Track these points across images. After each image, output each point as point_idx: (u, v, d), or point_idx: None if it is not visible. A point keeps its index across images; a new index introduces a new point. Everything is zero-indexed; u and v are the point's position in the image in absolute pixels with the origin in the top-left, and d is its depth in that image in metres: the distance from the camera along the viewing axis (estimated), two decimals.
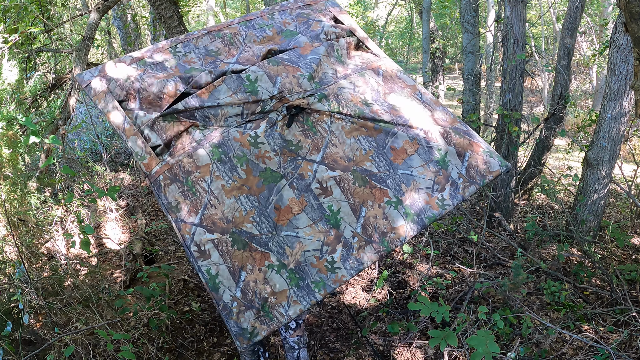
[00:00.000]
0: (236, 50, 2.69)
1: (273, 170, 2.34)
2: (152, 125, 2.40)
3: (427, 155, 2.45)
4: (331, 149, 2.41)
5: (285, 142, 2.39)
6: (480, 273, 4.64)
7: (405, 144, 2.46)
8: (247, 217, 2.26)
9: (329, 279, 2.23)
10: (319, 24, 2.87)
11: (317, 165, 2.38)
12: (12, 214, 3.15)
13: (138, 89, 2.46)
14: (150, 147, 2.37)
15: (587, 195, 5.16)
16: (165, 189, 2.30)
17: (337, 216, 2.32)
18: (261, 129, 2.38)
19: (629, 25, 2.33)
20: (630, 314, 3.73)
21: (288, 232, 2.28)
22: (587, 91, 16.10)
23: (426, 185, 2.41)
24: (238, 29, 2.77)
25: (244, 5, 18.07)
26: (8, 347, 2.68)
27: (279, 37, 2.79)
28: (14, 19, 5.09)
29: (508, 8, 5.48)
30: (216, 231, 2.23)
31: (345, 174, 2.37)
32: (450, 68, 24.41)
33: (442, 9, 13.06)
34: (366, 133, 2.46)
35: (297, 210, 2.31)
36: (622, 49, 4.80)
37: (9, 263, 3.22)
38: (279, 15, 2.92)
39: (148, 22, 9.70)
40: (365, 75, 2.70)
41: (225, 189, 2.28)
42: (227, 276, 2.18)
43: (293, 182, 2.34)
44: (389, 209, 2.34)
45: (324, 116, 2.45)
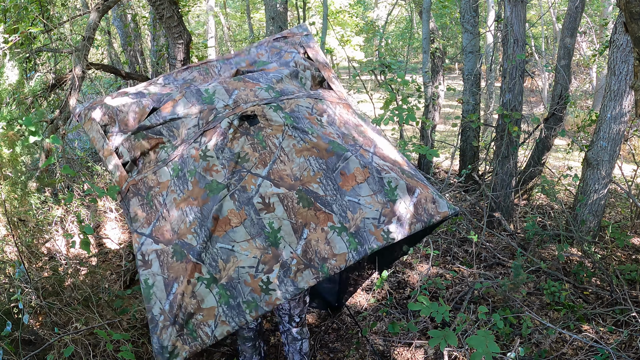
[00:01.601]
0: (211, 79, 2.85)
1: (219, 182, 2.28)
2: (124, 143, 2.54)
3: (377, 186, 2.34)
4: (279, 165, 2.32)
5: (232, 154, 2.33)
6: (480, 273, 4.64)
7: (356, 171, 2.35)
8: (190, 229, 2.24)
9: (262, 300, 2.10)
10: (291, 55, 2.94)
11: (262, 179, 2.28)
12: (12, 213, 3.15)
13: (116, 112, 2.60)
14: (122, 164, 2.52)
15: (587, 195, 5.16)
16: (130, 202, 2.43)
17: (277, 234, 2.20)
18: (211, 142, 2.36)
19: (629, 25, 2.33)
20: (630, 314, 3.73)
21: (223, 245, 2.18)
22: (587, 91, 16.10)
23: (372, 216, 2.28)
24: (215, 64, 2.92)
25: (244, 5, 18.08)
26: (8, 347, 2.68)
27: (252, 68, 2.92)
28: (14, 19, 5.09)
29: (508, 8, 5.49)
30: (161, 242, 2.27)
31: (290, 193, 2.26)
32: (450, 68, 24.41)
33: (442, 9, 13.05)
34: (317, 154, 2.36)
35: (236, 222, 2.21)
36: (622, 49, 4.80)
37: (9, 263, 3.22)
38: (255, 49, 3.06)
39: (148, 22, 9.70)
40: (323, 103, 2.66)
41: (176, 202, 2.33)
42: (161, 288, 2.15)
43: (235, 194, 2.25)
44: (332, 235, 2.22)
45: (276, 132, 2.38)
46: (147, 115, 2.58)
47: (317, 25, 11.71)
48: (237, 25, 21.57)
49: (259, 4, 18.43)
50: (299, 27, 3.18)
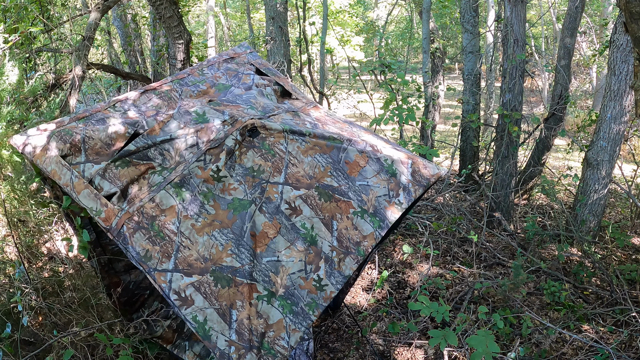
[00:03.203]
0: (175, 104, 2.74)
1: (240, 199, 2.31)
2: (103, 174, 2.29)
3: (377, 165, 2.58)
4: (292, 168, 2.45)
5: (246, 170, 2.39)
6: (480, 273, 4.64)
7: (357, 158, 2.57)
8: (225, 251, 2.19)
9: (320, 297, 2.20)
10: (249, 77, 3.03)
11: (282, 186, 2.40)
12: (13, 214, 3.15)
13: (83, 139, 2.35)
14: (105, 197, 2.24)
15: (587, 195, 5.16)
16: (131, 240, 2.16)
17: (312, 233, 2.33)
18: (221, 162, 2.37)
19: (629, 25, 2.33)
20: (630, 314, 3.73)
21: (269, 258, 2.24)
22: (587, 91, 16.10)
23: (383, 193, 2.51)
24: (172, 87, 2.82)
25: (244, 5, 18.08)
26: (7, 349, 2.68)
27: (214, 91, 2.89)
28: (14, 19, 5.09)
29: (508, 8, 5.49)
30: (195, 273, 2.13)
31: (310, 191, 2.42)
32: (450, 68, 24.42)
33: (442, 9, 13.06)
34: (320, 151, 2.54)
35: (273, 233, 2.29)
36: (622, 49, 4.80)
37: (9, 263, 3.22)
38: (208, 70, 3.02)
39: (148, 22, 9.70)
40: (300, 115, 2.83)
41: (196, 228, 2.22)
42: (217, 319, 2.06)
43: (262, 207, 2.33)
44: (357, 219, 2.41)
45: (278, 138, 2.50)
46: (129, 141, 2.41)
47: (317, 25, 11.71)
48: (237, 25, 21.57)
49: (259, 4, 18.43)
50: (240, 47, 3.30)
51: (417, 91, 7.78)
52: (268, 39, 7.76)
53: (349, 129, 2.81)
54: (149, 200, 2.25)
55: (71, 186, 2.23)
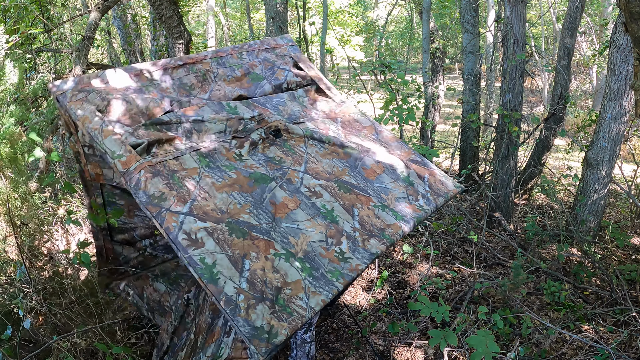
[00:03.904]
0: (208, 86, 2.82)
1: (262, 173, 2.34)
2: (132, 132, 2.31)
3: (394, 175, 2.70)
4: (311, 164, 2.54)
5: (268, 158, 2.47)
6: (480, 273, 4.64)
7: (373, 166, 2.69)
8: (243, 209, 2.15)
9: (344, 268, 2.12)
10: (283, 73, 3.11)
11: (302, 174, 2.46)
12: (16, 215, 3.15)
13: (122, 101, 2.39)
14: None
15: (587, 195, 5.16)
16: (146, 183, 2.11)
17: (333, 213, 2.32)
18: (245, 149, 2.44)
19: (629, 25, 2.33)
20: (630, 314, 3.73)
21: (288, 224, 2.19)
22: (587, 91, 16.10)
23: (402, 196, 2.59)
24: (210, 66, 2.89)
25: (244, 5, 18.07)
26: (7, 351, 2.68)
27: (246, 79, 2.96)
28: (14, 19, 5.09)
29: (508, 8, 5.49)
30: (209, 220, 2.05)
31: (330, 183, 2.47)
32: (450, 68, 24.42)
33: (442, 9, 13.06)
34: (338, 157, 2.67)
35: (293, 206, 2.27)
36: (622, 49, 4.80)
37: (10, 263, 3.22)
38: (247, 56, 3.08)
39: (148, 22, 9.70)
40: (325, 122, 2.95)
41: (216, 186, 2.20)
42: (228, 265, 1.92)
43: (283, 185, 2.34)
44: (378, 211, 2.43)
45: (299, 142, 2.62)
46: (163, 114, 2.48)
47: (317, 25, 11.71)
48: (237, 25, 21.57)
49: (259, 4, 18.43)
50: (283, 38, 3.35)
51: (417, 91, 7.78)
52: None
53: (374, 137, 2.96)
54: (173, 158, 2.26)
55: (99, 130, 2.24)
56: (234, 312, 1.79)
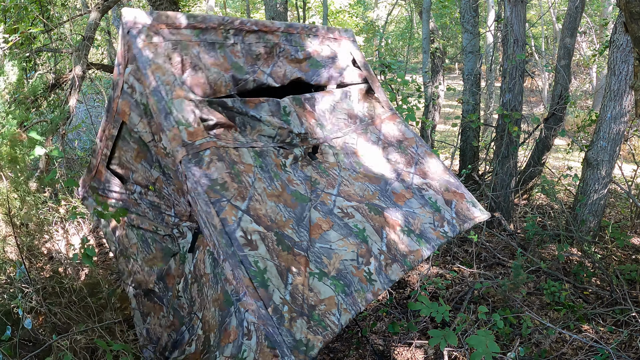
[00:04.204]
0: (271, 60, 2.82)
1: (301, 193, 2.41)
2: (198, 104, 2.24)
3: (422, 200, 2.79)
4: (344, 187, 2.61)
5: (306, 176, 2.54)
6: (480, 273, 4.64)
7: (402, 192, 2.79)
8: (287, 224, 2.19)
9: (369, 290, 2.17)
10: (341, 67, 3.16)
11: (335, 197, 2.53)
12: (13, 214, 3.15)
13: (194, 67, 2.36)
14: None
15: (587, 195, 5.16)
16: (210, 165, 2.07)
17: (364, 233, 2.40)
18: (289, 161, 2.52)
19: (629, 25, 2.33)
20: (630, 314, 3.73)
21: (322, 245, 2.24)
22: (587, 91, 16.10)
23: (428, 221, 2.68)
24: (280, 40, 2.88)
25: (244, 5, 18.07)
26: (7, 351, 2.68)
27: (306, 63, 2.99)
28: (14, 19, 5.09)
29: (508, 8, 5.49)
30: (262, 225, 2.05)
31: (361, 205, 2.55)
32: (450, 68, 24.42)
33: (442, 9, 13.06)
34: (369, 181, 2.75)
35: (326, 227, 2.34)
36: (622, 49, 4.80)
37: (9, 263, 3.22)
38: (312, 39, 3.10)
39: None
40: (368, 132, 3.04)
41: (267, 192, 2.22)
42: (276, 274, 1.94)
43: (317, 206, 2.42)
44: (404, 236, 2.52)
45: (332, 166, 2.70)
46: (224, 96, 2.46)
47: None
48: None
49: (259, 4, 18.43)
50: (347, 32, 3.36)
51: (417, 91, 7.78)
52: None
53: (413, 151, 3.06)
54: (233, 147, 2.24)
55: (171, 86, 2.17)
56: (280, 322, 1.83)
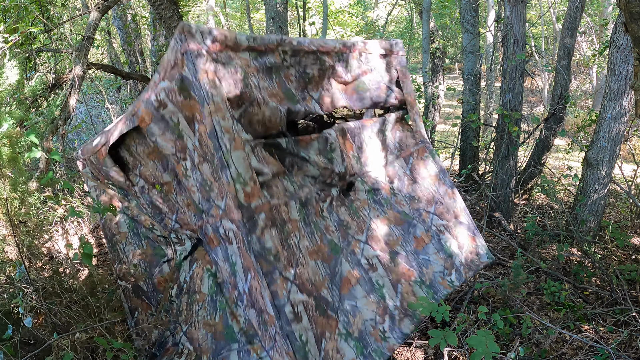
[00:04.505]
0: (322, 82, 2.71)
1: (336, 243, 2.46)
2: (253, 148, 2.10)
3: (438, 245, 2.97)
4: (372, 232, 2.71)
5: (340, 220, 2.59)
6: (480, 273, 4.64)
7: (422, 235, 2.93)
8: (323, 283, 2.25)
9: (384, 347, 2.34)
10: (386, 90, 3.12)
11: (363, 244, 2.62)
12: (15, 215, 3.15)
13: (251, 102, 2.14)
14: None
15: (587, 195, 5.16)
16: (263, 231, 2.01)
17: (383, 290, 2.54)
18: (326, 204, 2.56)
19: (629, 25, 2.33)
20: (630, 314, 3.73)
21: (350, 301, 2.35)
22: (587, 91, 16.10)
23: (439, 270, 2.86)
24: (333, 61, 2.74)
25: (244, 5, 18.07)
26: (8, 350, 2.68)
27: (353, 86, 2.91)
28: (14, 19, 5.09)
29: (508, 8, 5.49)
30: (305, 292, 2.10)
31: (384, 254, 2.67)
32: (450, 68, 24.42)
33: (442, 9, 13.06)
34: (394, 223, 2.86)
35: (354, 282, 2.44)
36: (622, 49, 4.80)
37: (9, 263, 3.22)
38: (364, 58, 2.98)
39: (148, 22, 9.70)
40: (396, 165, 3.11)
41: (309, 251, 2.24)
42: (313, 344, 2.03)
43: (348, 257, 2.50)
44: (416, 287, 2.69)
45: (363, 204, 2.77)
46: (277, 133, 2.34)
47: (317, 25, 11.71)
48: (237, 25, 21.57)
49: (259, 4, 18.43)
50: (397, 44, 3.23)
51: (417, 91, 7.78)
52: None
53: (432, 194, 3.16)
54: (284, 204, 2.19)
55: (231, 134, 1.98)
56: None
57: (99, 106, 8.38)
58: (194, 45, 1.97)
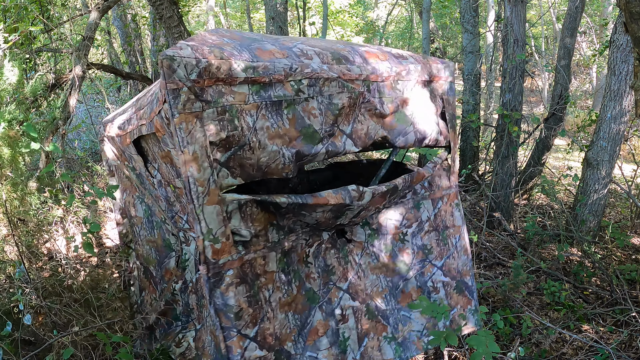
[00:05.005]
0: (352, 114, 2.30)
1: (315, 291, 2.40)
2: (241, 207, 1.95)
3: (425, 304, 2.76)
4: (356, 280, 2.56)
5: (326, 266, 2.46)
6: (480, 273, 4.64)
7: (412, 291, 2.73)
8: (290, 336, 2.23)
9: None
10: (431, 125, 2.71)
11: (343, 293, 2.51)
12: (13, 214, 3.15)
13: (242, 147, 1.91)
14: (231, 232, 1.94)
15: (587, 195, 5.16)
16: (228, 288, 1.94)
17: (346, 343, 2.47)
18: (312, 249, 2.40)
19: (629, 25, 2.33)
20: (630, 314, 3.73)
21: (311, 353, 2.32)
22: (587, 91, 16.10)
23: (417, 329, 2.71)
24: (362, 88, 2.31)
25: (244, 5, 18.07)
26: (8, 347, 2.68)
27: (393, 118, 2.49)
28: (14, 19, 5.09)
29: (508, 8, 5.49)
30: (264, 348, 2.08)
31: (362, 306, 2.55)
32: None
33: (442, 9, 13.07)
34: (386, 273, 2.66)
35: (322, 332, 2.39)
36: (622, 49, 4.80)
37: (9, 263, 3.22)
38: (402, 86, 2.52)
39: (148, 22, 9.70)
40: (421, 207, 2.76)
41: (281, 303, 2.19)
42: None
43: (323, 305, 2.43)
44: (384, 343, 2.59)
45: (357, 248, 2.57)
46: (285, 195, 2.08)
47: (317, 25, 11.71)
48: (237, 25, 21.56)
49: (259, 4, 18.43)
50: (446, 66, 2.77)
51: None
52: None
53: (451, 242, 2.90)
54: (261, 257, 2.08)
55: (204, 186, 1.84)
56: None
57: (99, 106, 8.37)
58: (172, 84, 1.77)
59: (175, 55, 1.75)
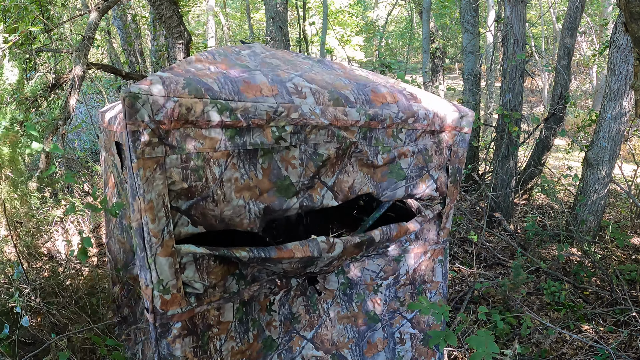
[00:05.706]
0: (339, 165, 2.08)
1: (274, 339, 2.31)
2: (197, 258, 1.80)
3: (390, 355, 2.71)
4: (322, 330, 2.47)
5: (290, 314, 2.35)
6: (480, 273, 4.64)
7: (378, 341, 2.65)
8: None
9: None
10: (428, 181, 2.44)
11: (306, 342, 2.43)
12: (12, 214, 3.15)
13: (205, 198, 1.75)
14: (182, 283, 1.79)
15: (587, 195, 5.16)
16: (175, 340, 1.82)
17: None
18: (277, 297, 2.25)
19: (629, 25, 2.33)
20: (630, 314, 3.73)
21: None
22: (587, 91, 16.10)
23: None
24: (356, 137, 2.06)
25: (244, 5, 18.07)
26: (5, 349, 2.68)
27: (384, 170, 2.24)
28: (14, 19, 5.09)
29: (508, 8, 5.48)
30: None
31: (326, 356, 2.49)
32: (450, 68, 24.41)
33: (442, 9, 13.07)
34: (354, 323, 2.57)
35: None
36: (622, 49, 4.80)
37: (8, 263, 3.22)
38: (406, 135, 2.25)
39: (148, 22, 9.70)
40: (400, 261, 2.62)
41: (233, 352, 2.10)
42: None
43: (282, 353, 2.35)
44: None
45: (327, 297, 2.47)
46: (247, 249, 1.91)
47: (317, 25, 11.71)
48: (237, 25, 21.57)
49: (259, 4, 18.43)
50: (465, 116, 2.45)
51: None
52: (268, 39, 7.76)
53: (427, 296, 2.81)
54: (215, 308, 1.95)
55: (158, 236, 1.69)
56: None
57: (99, 106, 8.38)
58: (133, 125, 1.56)
59: (140, 93, 1.54)
